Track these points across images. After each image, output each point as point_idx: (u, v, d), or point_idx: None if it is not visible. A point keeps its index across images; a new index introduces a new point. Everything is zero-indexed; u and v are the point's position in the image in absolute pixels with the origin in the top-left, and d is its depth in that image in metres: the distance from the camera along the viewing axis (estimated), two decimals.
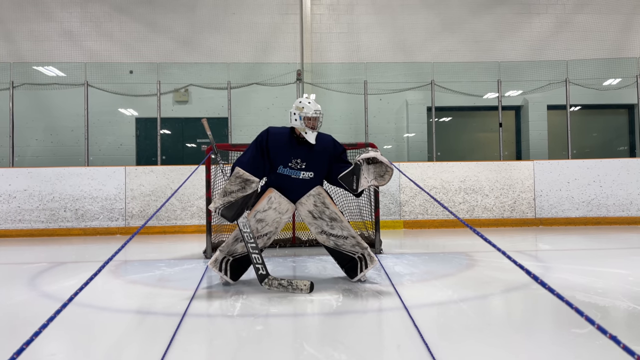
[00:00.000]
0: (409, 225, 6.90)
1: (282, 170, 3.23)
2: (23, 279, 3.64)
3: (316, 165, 3.25)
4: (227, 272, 3.22)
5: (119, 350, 2.07)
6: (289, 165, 3.21)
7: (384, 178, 3.15)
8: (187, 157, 9.25)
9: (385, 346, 2.08)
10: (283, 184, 3.25)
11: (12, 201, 6.56)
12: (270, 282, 3.04)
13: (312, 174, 3.24)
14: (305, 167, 3.22)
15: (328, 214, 3.23)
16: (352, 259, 3.28)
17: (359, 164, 3.11)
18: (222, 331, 2.35)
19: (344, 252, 3.28)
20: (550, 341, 2.08)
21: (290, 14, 9.55)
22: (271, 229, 3.25)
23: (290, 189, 3.25)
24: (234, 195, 3.02)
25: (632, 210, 6.90)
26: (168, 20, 9.38)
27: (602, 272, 3.49)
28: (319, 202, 3.22)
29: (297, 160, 3.22)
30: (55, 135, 9.10)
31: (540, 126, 9.60)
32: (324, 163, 3.28)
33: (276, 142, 3.22)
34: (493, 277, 3.41)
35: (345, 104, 9.12)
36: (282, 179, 3.24)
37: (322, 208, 3.22)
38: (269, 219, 3.22)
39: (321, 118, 3.24)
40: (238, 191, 3.03)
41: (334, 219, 3.23)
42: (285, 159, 3.22)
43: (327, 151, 3.29)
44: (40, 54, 9.01)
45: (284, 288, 3.00)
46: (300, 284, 2.99)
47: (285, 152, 3.22)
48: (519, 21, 9.73)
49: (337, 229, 3.23)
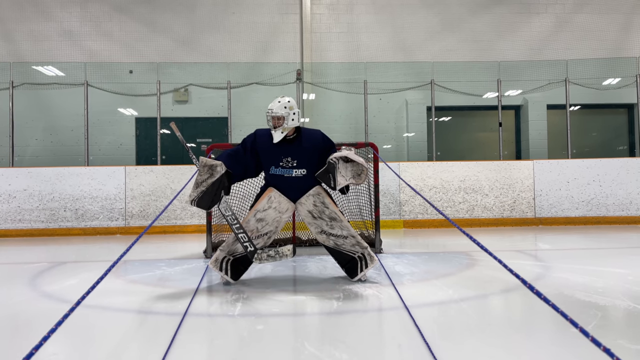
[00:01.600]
0: (409, 225, 6.91)
1: (275, 170, 3.26)
2: (23, 278, 3.64)
3: (307, 162, 3.25)
4: (228, 272, 3.24)
5: (120, 349, 2.08)
6: (280, 165, 3.25)
7: (360, 177, 3.12)
8: (186, 157, 9.24)
9: (386, 345, 2.09)
10: (278, 184, 3.28)
11: (12, 201, 6.56)
12: (260, 256, 3.17)
13: (305, 170, 3.25)
14: (297, 164, 3.24)
15: (328, 213, 3.24)
16: (352, 259, 3.29)
17: (333, 163, 3.09)
18: (223, 331, 2.36)
19: (343, 252, 3.29)
20: (550, 341, 2.08)
21: (290, 14, 9.55)
22: (271, 228, 3.27)
23: (286, 188, 3.27)
24: (205, 184, 3.04)
25: (631, 210, 6.91)
26: (168, 20, 9.37)
27: (602, 272, 3.50)
28: (319, 202, 3.24)
29: (288, 158, 3.24)
30: (55, 135, 9.09)
31: (539, 126, 9.61)
32: (314, 159, 3.27)
33: (264, 144, 3.26)
34: (493, 277, 3.41)
35: (345, 104, 9.12)
36: (276, 179, 3.27)
37: (321, 208, 3.24)
38: (269, 219, 3.24)
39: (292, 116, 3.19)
40: (208, 179, 3.04)
41: (334, 219, 3.24)
42: (276, 158, 3.25)
43: (317, 147, 3.29)
44: (40, 54, 9.00)
45: (272, 258, 3.18)
46: (285, 249, 3.22)
47: (275, 152, 3.25)
48: (519, 21, 9.73)
49: (336, 229, 3.24)
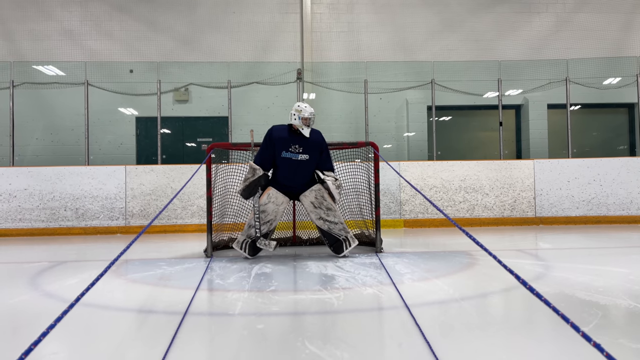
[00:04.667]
0: (410, 225, 6.91)
1: (285, 154, 4.27)
2: (24, 278, 3.64)
3: (310, 151, 4.31)
4: (246, 250, 4.27)
5: (121, 349, 2.08)
6: (289, 150, 4.28)
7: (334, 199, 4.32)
8: (187, 156, 9.25)
9: (386, 344, 2.09)
10: (287, 166, 4.28)
11: (13, 200, 6.56)
12: (260, 242, 4.20)
13: (308, 156, 4.30)
14: (302, 151, 4.29)
15: (326, 204, 4.29)
16: (338, 240, 4.31)
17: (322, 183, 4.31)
18: (224, 330, 2.36)
19: (333, 234, 4.31)
20: (550, 340, 2.08)
21: (290, 13, 9.55)
22: (271, 217, 4.29)
23: (293, 169, 4.29)
24: (249, 180, 4.17)
25: (632, 209, 6.90)
26: (168, 19, 9.37)
27: (603, 271, 3.50)
28: (319, 195, 4.30)
29: (296, 146, 4.29)
30: (55, 134, 9.09)
31: (540, 125, 9.60)
32: (316, 149, 4.34)
33: (279, 135, 4.31)
34: (494, 276, 3.41)
35: (346, 103, 9.12)
36: (285, 162, 4.28)
37: (321, 200, 4.29)
38: (269, 210, 4.27)
39: (314, 119, 4.32)
40: (251, 177, 4.18)
41: (330, 209, 4.31)
42: (287, 145, 4.28)
43: (318, 142, 4.37)
44: (40, 53, 9.00)
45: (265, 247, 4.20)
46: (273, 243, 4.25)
47: (286, 141, 4.28)
48: (519, 20, 9.72)
49: (331, 217, 4.29)
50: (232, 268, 3.87)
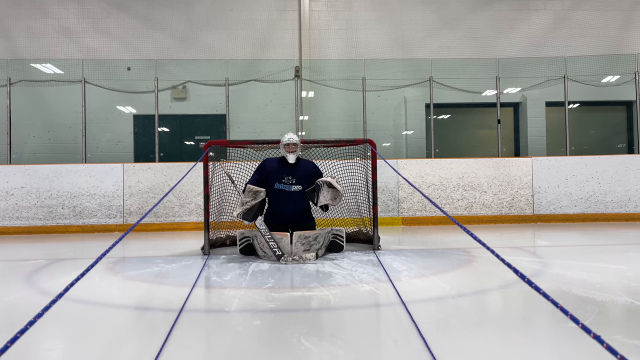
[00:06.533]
0: (407, 222, 6.90)
1: (278, 185, 4.35)
2: (20, 275, 3.63)
3: (303, 181, 4.37)
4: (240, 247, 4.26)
5: (117, 345, 2.07)
6: (282, 181, 4.35)
7: (335, 200, 4.20)
8: (185, 154, 9.23)
9: (382, 341, 2.08)
10: (280, 197, 4.35)
11: (10, 198, 6.55)
12: (285, 259, 3.95)
13: (300, 187, 4.36)
14: (295, 182, 4.36)
15: (309, 241, 4.13)
16: (330, 242, 4.38)
17: (319, 184, 4.18)
18: (220, 326, 2.35)
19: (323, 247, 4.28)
20: (548, 336, 2.08)
21: (288, 11, 9.52)
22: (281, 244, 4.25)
23: (284, 200, 4.37)
24: (249, 204, 4.05)
25: (630, 207, 6.91)
26: (166, 17, 9.34)
27: (600, 268, 3.50)
28: (306, 242, 4.13)
29: (289, 177, 4.36)
30: (52, 132, 9.07)
31: (538, 123, 9.60)
32: (308, 179, 4.38)
33: (272, 167, 4.39)
34: (491, 273, 3.41)
35: (344, 101, 9.11)
36: (278, 193, 4.35)
37: (304, 241, 4.09)
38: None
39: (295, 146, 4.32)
40: (251, 200, 4.07)
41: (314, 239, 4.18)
42: (279, 177, 4.36)
43: (310, 172, 4.45)
44: (37, 51, 8.97)
45: (296, 261, 3.93)
46: (308, 255, 4.02)
47: (279, 172, 4.37)
48: (518, 17, 9.71)
49: (314, 245, 4.14)
50: (229, 265, 3.86)
